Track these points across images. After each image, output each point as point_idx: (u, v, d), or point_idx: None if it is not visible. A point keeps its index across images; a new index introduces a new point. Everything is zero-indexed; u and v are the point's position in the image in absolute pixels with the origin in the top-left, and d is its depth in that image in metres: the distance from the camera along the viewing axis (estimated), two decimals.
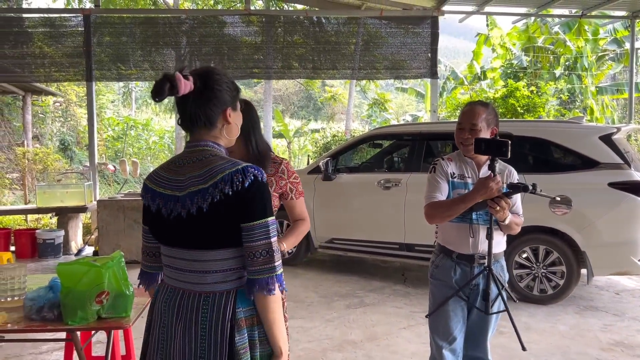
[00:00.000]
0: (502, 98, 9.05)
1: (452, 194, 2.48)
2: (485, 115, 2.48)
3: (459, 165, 2.52)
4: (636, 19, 8.38)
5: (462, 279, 2.48)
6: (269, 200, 1.59)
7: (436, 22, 8.05)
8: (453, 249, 2.51)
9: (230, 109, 1.66)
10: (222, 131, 1.66)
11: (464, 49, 59.49)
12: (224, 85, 1.65)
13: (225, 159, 1.59)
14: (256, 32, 8.36)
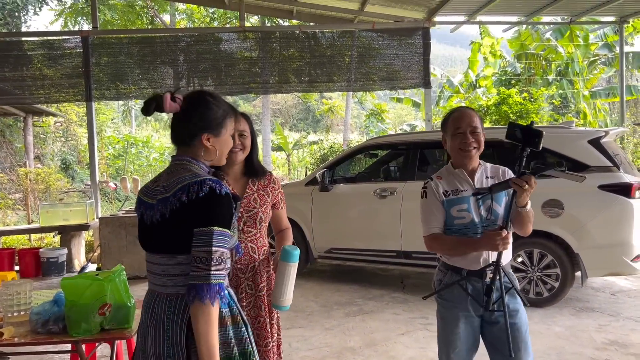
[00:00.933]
0: (495, 105, 9.19)
1: (451, 211, 2.34)
2: (479, 119, 2.42)
3: (450, 180, 2.39)
4: (624, 23, 8.53)
5: (475, 296, 2.32)
6: (221, 211, 1.65)
7: (427, 33, 8.20)
8: (462, 267, 2.35)
9: (209, 134, 1.77)
10: (201, 152, 1.78)
11: (460, 57, 59.87)
12: (208, 111, 1.77)
13: (192, 172, 1.72)
14: (252, 48, 8.50)
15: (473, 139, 2.33)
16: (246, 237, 2.39)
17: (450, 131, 2.38)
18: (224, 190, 1.67)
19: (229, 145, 1.87)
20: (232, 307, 1.78)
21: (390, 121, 23.35)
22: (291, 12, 9.10)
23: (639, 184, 4.93)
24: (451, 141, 2.37)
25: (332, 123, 34.28)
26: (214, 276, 1.59)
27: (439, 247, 2.40)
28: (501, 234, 2.15)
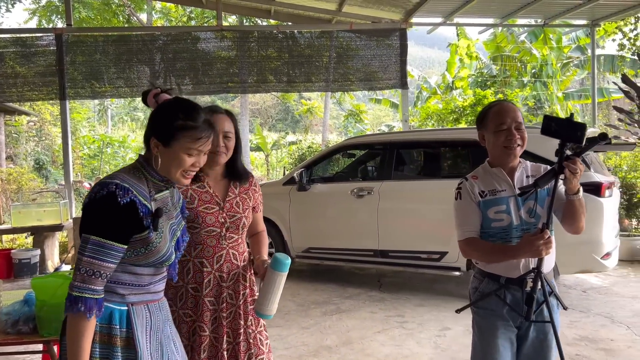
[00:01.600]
0: (471, 106, 9.31)
1: (488, 213, 2.16)
2: (520, 114, 2.21)
3: (487, 180, 2.20)
4: (596, 27, 8.72)
5: (515, 306, 2.13)
6: (108, 220, 1.54)
7: (404, 34, 8.27)
8: (501, 274, 2.16)
9: (157, 140, 1.65)
10: (152, 157, 1.68)
11: (437, 58, 60.43)
12: (165, 116, 1.66)
13: (119, 171, 1.67)
14: (230, 47, 8.46)
15: (519, 135, 2.13)
16: (228, 244, 2.24)
17: (491, 127, 2.17)
18: (126, 199, 1.56)
19: (179, 164, 1.67)
20: (131, 329, 1.64)
21: (368, 122, 23.47)
22: (269, 11, 9.09)
23: (608, 184, 5.05)
24: (494, 138, 2.16)
25: (311, 123, 34.28)
26: (76, 288, 1.51)
27: (475, 253, 2.21)
28: (543, 237, 1.94)
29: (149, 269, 1.68)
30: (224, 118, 2.24)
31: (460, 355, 4.06)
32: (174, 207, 1.83)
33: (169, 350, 1.76)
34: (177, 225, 1.81)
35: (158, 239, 1.65)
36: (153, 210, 1.64)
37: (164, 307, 1.81)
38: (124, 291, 1.64)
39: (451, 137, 6.02)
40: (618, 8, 7.72)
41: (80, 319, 1.51)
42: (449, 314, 5.03)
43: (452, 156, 6.13)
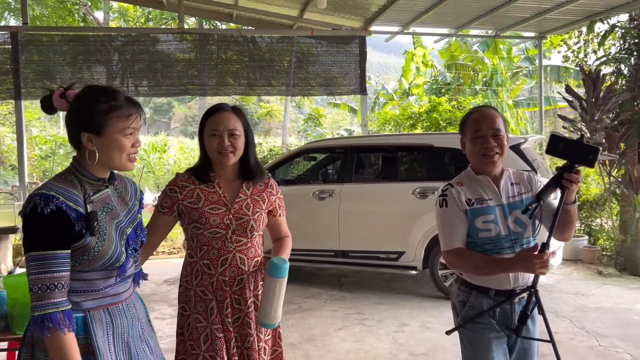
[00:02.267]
0: (427, 112, 9.66)
1: (475, 223, 2.06)
2: (502, 120, 2.12)
3: (473, 187, 2.11)
4: (543, 39, 9.21)
5: (504, 319, 2.08)
6: (38, 232, 1.50)
7: (364, 42, 8.51)
8: (490, 286, 2.08)
9: (89, 133, 1.59)
10: (85, 155, 1.62)
11: (394, 65, 61.53)
12: (86, 107, 1.59)
13: (49, 179, 1.60)
14: (190, 49, 8.45)
15: (496, 143, 2.05)
16: (235, 247, 2.13)
17: (469, 134, 2.11)
18: (50, 207, 1.50)
19: (120, 147, 1.62)
20: (89, 336, 1.61)
21: (327, 126, 23.73)
22: (231, 15, 9.15)
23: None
24: (471, 145, 2.10)
25: (271, 126, 34.23)
26: (37, 308, 1.48)
27: (464, 265, 2.10)
28: (541, 256, 1.86)
29: (98, 273, 1.62)
30: (229, 115, 2.12)
31: (417, 349, 4.28)
32: (123, 203, 1.75)
33: (139, 350, 1.73)
34: (128, 222, 1.73)
35: (100, 242, 1.59)
36: (87, 214, 1.56)
37: (130, 309, 1.75)
38: (78, 298, 1.59)
39: (408, 142, 6.27)
40: (563, 22, 8.20)
41: (55, 337, 1.48)
42: (406, 310, 5.26)
43: (409, 160, 6.38)
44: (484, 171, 2.11)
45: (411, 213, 5.63)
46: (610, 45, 8.02)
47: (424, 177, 5.78)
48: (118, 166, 1.66)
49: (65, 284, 1.52)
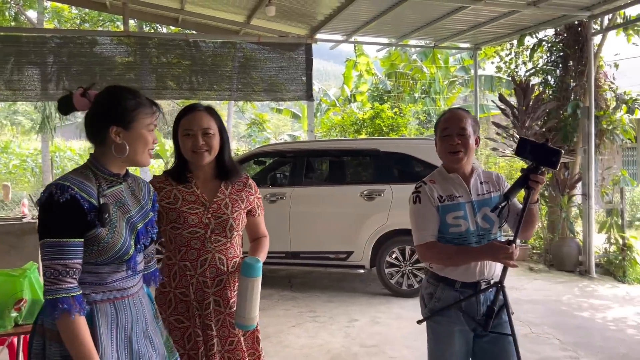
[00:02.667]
0: (370, 119, 10.02)
1: (446, 218, 2.17)
2: (470, 121, 2.22)
3: (444, 185, 2.22)
4: (478, 50, 9.77)
5: (470, 310, 2.18)
6: (53, 220, 1.56)
7: (310, 49, 8.73)
8: (456, 278, 2.19)
9: (117, 127, 1.67)
10: (111, 149, 1.68)
11: (334, 71, 62.40)
12: (116, 103, 1.67)
13: (67, 173, 1.66)
14: (129, 52, 8.25)
15: (459, 141, 2.17)
16: (214, 247, 2.13)
17: (439, 133, 2.24)
18: (65, 195, 1.56)
19: (146, 142, 1.72)
20: (93, 327, 1.64)
21: (271, 131, 23.84)
22: (176, 19, 9.13)
23: None
24: (440, 143, 2.24)
25: None
26: (49, 292, 1.54)
27: (435, 257, 2.21)
28: (507, 250, 1.99)
29: (107, 266, 1.66)
30: (203, 114, 2.13)
31: (368, 342, 4.51)
32: (135, 200, 1.80)
33: (141, 346, 1.76)
34: (139, 218, 1.78)
35: (110, 234, 1.64)
36: (99, 205, 1.62)
37: (136, 304, 1.77)
38: (86, 290, 1.62)
39: (356, 146, 6.54)
40: (496, 35, 8.76)
41: (65, 320, 1.53)
42: (356, 307, 5.49)
43: (356, 164, 6.64)
44: (454, 169, 2.22)
45: (359, 214, 5.88)
46: (538, 57, 8.64)
47: (371, 180, 6.06)
48: (140, 160, 1.73)
49: (77, 271, 1.57)
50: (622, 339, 4.64)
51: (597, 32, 7.55)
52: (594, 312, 5.42)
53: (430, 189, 2.20)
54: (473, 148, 2.19)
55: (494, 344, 2.19)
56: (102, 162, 1.69)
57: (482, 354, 2.23)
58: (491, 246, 2.05)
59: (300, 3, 7.45)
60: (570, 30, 7.86)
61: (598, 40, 7.76)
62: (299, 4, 7.49)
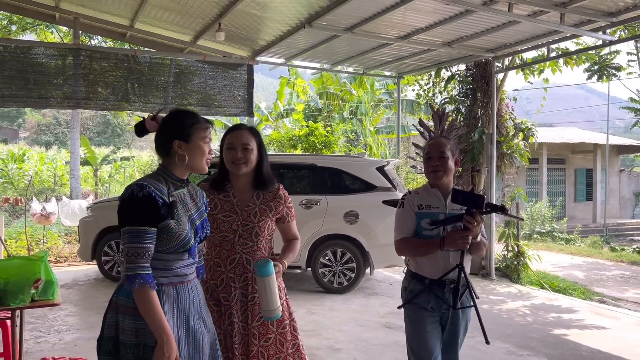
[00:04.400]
0: (305, 135, 10.92)
1: (422, 223, 2.59)
2: (449, 146, 2.66)
3: (425, 197, 2.64)
4: (400, 78, 10.94)
5: (437, 305, 2.59)
6: (133, 211, 1.89)
7: (252, 70, 9.48)
8: (426, 275, 2.60)
9: (179, 141, 2.02)
10: (175, 159, 2.04)
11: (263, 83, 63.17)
12: (177, 121, 2.04)
13: (144, 176, 2.03)
14: (65, 62, 8.32)
15: (439, 162, 2.61)
16: (242, 249, 2.46)
17: (424, 156, 2.72)
18: (144, 192, 1.90)
19: (202, 152, 2.05)
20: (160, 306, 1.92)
21: None
22: (124, 35, 9.57)
23: None
24: (425, 165, 2.69)
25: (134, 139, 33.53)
26: (129, 269, 1.85)
27: (407, 248, 2.64)
28: (462, 233, 2.43)
29: (173, 254, 1.99)
30: (244, 132, 2.50)
31: (306, 327, 5.32)
32: (194, 202, 2.15)
33: (196, 324, 2.07)
34: (197, 216, 2.12)
35: (177, 225, 1.96)
36: (169, 202, 1.97)
37: (192, 289, 2.10)
38: (155, 274, 1.92)
39: (296, 161, 7.40)
40: (417, 67, 9.95)
41: (142, 292, 1.85)
42: (294, 302, 6.19)
43: (296, 176, 7.44)
44: (436, 185, 2.66)
45: (297, 221, 6.61)
46: (452, 88, 9.90)
47: (309, 191, 6.90)
48: (199, 167, 2.08)
49: (151, 254, 1.90)
50: (509, 324, 5.75)
51: (500, 71, 8.88)
52: (492, 305, 6.54)
53: (413, 197, 2.67)
54: (452, 169, 2.65)
55: (447, 335, 2.67)
56: (169, 169, 2.05)
57: (443, 342, 2.68)
58: (450, 234, 2.49)
59: (246, 30, 8.21)
60: (478, 67, 9.14)
61: (501, 77, 9.11)
62: (244, 31, 8.25)
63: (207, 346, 2.11)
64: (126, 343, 1.91)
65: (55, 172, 20.41)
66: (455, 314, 2.61)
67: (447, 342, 2.67)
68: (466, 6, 6.12)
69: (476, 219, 2.41)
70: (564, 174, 22.47)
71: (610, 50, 13.15)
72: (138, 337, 1.90)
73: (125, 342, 1.91)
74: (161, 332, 1.85)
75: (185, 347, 2.01)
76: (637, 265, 12.30)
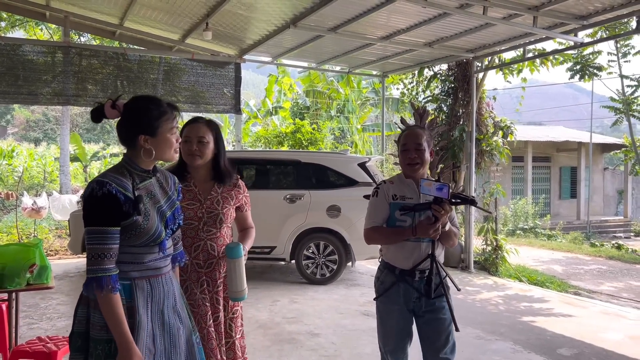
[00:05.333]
0: (292, 133, 11.17)
1: (395, 214, 2.57)
2: (425, 137, 2.63)
3: (400, 187, 2.62)
4: (385, 77, 11.22)
5: (406, 294, 2.58)
6: (95, 210, 1.81)
7: (239, 68, 9.70)
8: (396, 265, 2.60)
9: (145, 136, 1.91)
10: (140, 153, 1.93)
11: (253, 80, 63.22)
12: (143, 115, 1.91)
13: (106, 171, 1.93)
14: (51, 55, 8.47)
15: (416, 155, 2.59)
16: (206, 236, 2.55)
17: (399, 147, 2.68)
18: (103, 190, 1.81)
19: (170, 144, 1.96)
20: (132, 300, 1.90)
21: None
22: (114, 33, 9.75)
23: None
24: (400, 156, 2.66)
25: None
26: (90, 271, 1.80)
27: (377, 237, 2.64)
28: (434, 225, 2.43)
29: (143, 248, 1.92)
30: (201, 125, 2.57)
31: (288, 315, 5.59)
32: (163, 192, 2.05)
33: (171, 318, 2.02)
34: (167, 207, 2.03)
35: (145, 221, 1.89)
36: (134, 198, 1.87)
37: (167, 282, 2.04)
38: (126, 268, 1.89)
39: (280, 157, 7.67)
40: (401, 66, 10.22)
41: (102, 295, 1.79)
42: (278, 291, 6.55)
43: (280, 172, 7.69)
44: (410, 176, 2.65)
45: (282, 215, 6.95)
46: (434, 87, 10.18)
47: (293, 186, 7.15)
48: (168, 158, 2.02)
49: (114, 254, 1.83)
50: (481, 312, 6.05)
51: (479, 70, 9.17)
52: (467, 295, 6.83)
53: (387, 187, 2.65)
54: (428, 160, 2.65)
55: (429, 324, 2.62)
56: (134, 161, 1.95)
57: (421, 333, 2.67)
58: (421, 224, 2.48)
59: (233, 29, 8.44)
60: (459, 67, 9.41)
61: (481, 76, 9.40)
62: (231, 30, 8.48)
63: (183, 341, 2.05)
64: (96, 339, 1.86)
65: (44, 168, 20.49)
66: (431, 302, 2.58)
67: (429, 331, 2.63)
68: (443, 9, 6.39)
69: (444, 208, 2.41)
70: (549, 172, 22.91)
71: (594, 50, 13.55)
72: (108, 333, 1.84)
73: (96, 337, 1.87)
74: (121, 337, 1.80)
75: (161, 342, 1.96)
76: (614, 260, 12.71)
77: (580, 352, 4.72)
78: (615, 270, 11.37)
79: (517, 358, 4.54)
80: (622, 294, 8.87)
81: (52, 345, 3.15)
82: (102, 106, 1.93)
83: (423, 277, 2.54)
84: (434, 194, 2.42)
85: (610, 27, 9.10)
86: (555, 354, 4.64)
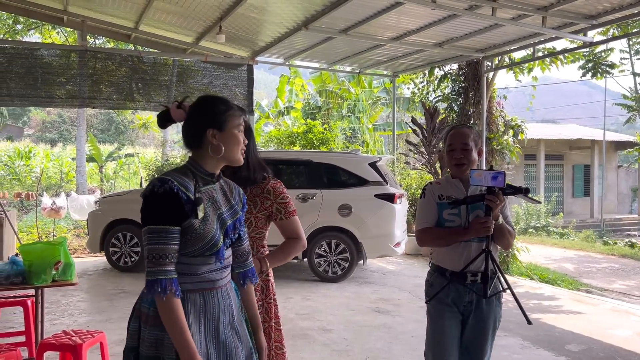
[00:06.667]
0: (304, 133, 11.31)
1: (443, 214, 2.51)
2: (472, 136, 2.55)
3: (447, 187, 2.56)
4: (396, 77, 11.31)
5: (457, 297, 2.49)
6: (154, 209, 1.70)
7: (251, 69, 9.86)
8: (446, 267, 2.52)
9: (213, 130, 1.80)
10: (208, 151, 1.82)
11: (265, 80, 63.50)
12: (209, 108, 1.83)
13: (169, 170, 1.83)
14: (68, 57, 8.65)
15: (462, 155, 2.51)
16: None
17: (445, 148, 2.60)
18: (165, 187, 1.70)
19: (238, 141, 1.86)
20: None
21: None
22: (129, 36, 9.96)
23: (399, 194, 7.21)
24: (447, 156, 2.58)
25: (137, 136, 33.90)
26: (150, 273, 1.67)
27: (429, 238, 2.57)
28: (485, 221, 2.35)
29: (198, 258, 1.78)
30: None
31: (301, 311, 5.72)
32: (226, 200, 1.93)
33: (228, 336, 1.84)
34: (229, 215, 1.90)
35: (202, 225, 1.76)
36: (194, 199, 1.75)
37: (224, 296, 1.86)
38: (179, 280, 1.72)
39: (293, 157, 7.82)
40: (411, 66, 10.32)
41: (163, 299, 1.65)
42: (291, 289, 6.69)
43: (293, 171, 7.81)
44: (457, 176, 2.58)
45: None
46: (445, 86, 10.25)
47: (305, 186, 7.28)
48: (236, 158, 1.88)
49: (175, 255, 1.70)
50: None
51: (489, 70, 9.23)
52: None
53: (434, 187, 2.60)
54: (475, 160, 2.56)
55: (471, 332, 2.53)
56: (199, 162, 1.84)
57: (462, 338, 2.55)
58: (472, 224, 2.42)
59: (245, 32, 8.59)
60: (470, 66, 9.49)
61: (491, 76, 9.46)
62: (244, 32, 8.64)
63: None
64: (144, 355, 1.75)
65: (61, 168, 20.87)
66: (480, 309, 2.50)
67: (472, 339, 2.54)
68: (452, 11, 6.49)
69: (499, 197, 2.33)
70: (561, 170, 22.83)
71: (606, 48, 13.53)
72: (157, 350, 1.73)
73: (144, 354, 1.75)
74: (183, 347, 1.66)
75: None
76: (627, 258, 12.67)
77: (588, 347, 4.80)
78: (627, 268, 11.35)
79: (526, 353, 4.63)
80: (634, 292, 8.88)
81: (77, 338, 3.31)
82: (168, 110, 1.86)
83: (475, 280, 2.47)
84: (487, 183, 2.35)
85: (623, 24, 9.11)
86: (564, 349, 4.73)
